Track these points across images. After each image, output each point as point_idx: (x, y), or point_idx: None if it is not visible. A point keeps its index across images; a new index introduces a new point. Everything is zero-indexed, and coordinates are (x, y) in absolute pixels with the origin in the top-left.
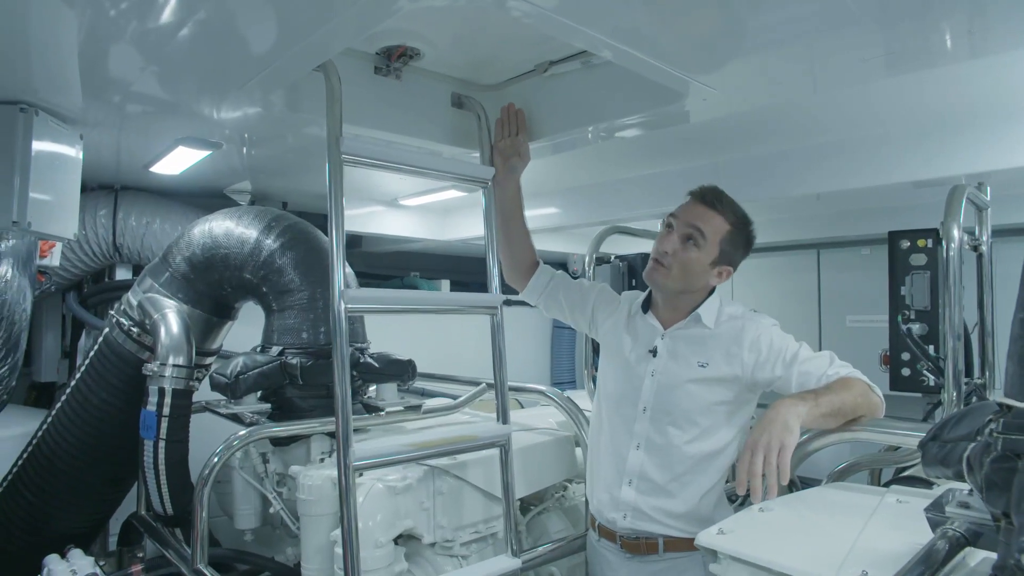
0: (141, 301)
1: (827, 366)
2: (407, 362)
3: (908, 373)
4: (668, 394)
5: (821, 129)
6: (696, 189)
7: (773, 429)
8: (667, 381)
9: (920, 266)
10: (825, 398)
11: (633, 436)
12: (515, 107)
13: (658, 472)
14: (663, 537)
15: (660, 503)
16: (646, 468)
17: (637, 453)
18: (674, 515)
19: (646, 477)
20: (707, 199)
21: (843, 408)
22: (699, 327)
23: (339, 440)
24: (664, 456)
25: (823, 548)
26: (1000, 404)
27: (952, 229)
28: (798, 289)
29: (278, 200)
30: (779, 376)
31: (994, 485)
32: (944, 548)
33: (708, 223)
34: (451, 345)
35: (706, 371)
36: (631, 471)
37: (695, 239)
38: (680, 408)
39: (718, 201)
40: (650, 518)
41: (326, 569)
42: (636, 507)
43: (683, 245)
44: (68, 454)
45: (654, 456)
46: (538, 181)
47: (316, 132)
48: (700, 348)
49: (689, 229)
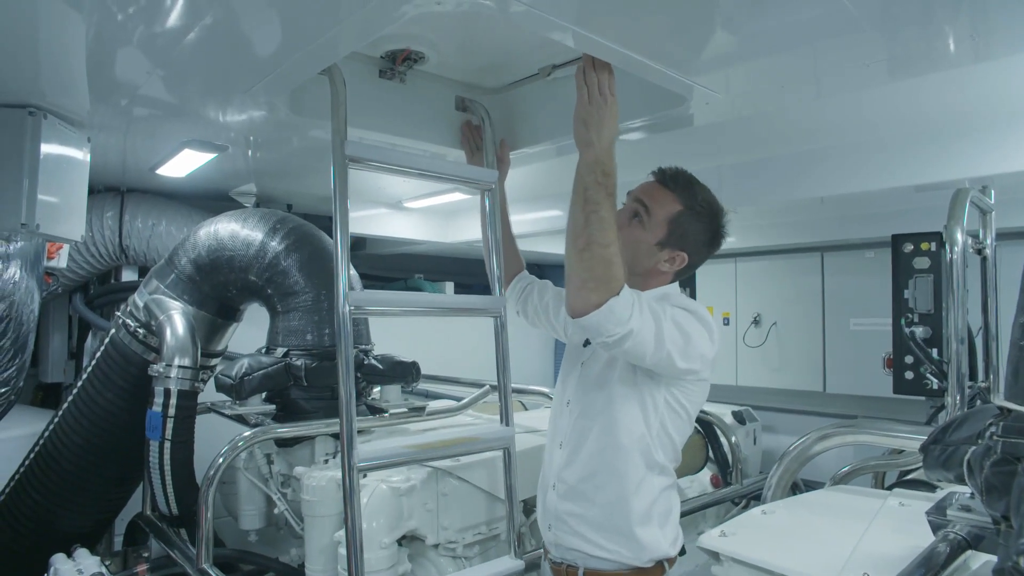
0: (147, 302)
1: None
2: (411, 364)
3: (911, 376)
4: (588, 385)
5: (824, 133)
6: (659, 168)
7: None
8: (589, 372)
9: (923, 269)
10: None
11: (557, 434)
12: (471, 124)
13: (571, 471)
14: (584, 567)
15: (577, 508)
16: (563, 470)
17: (560, 452)
18: (592, 524)
19: (563, 479)
20: (662, 177)
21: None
22: None
23: (343, 441)
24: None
25: (825, 551)
26: (1000, 408)
27: (955, 232)
28: (802, 292)
29: (283, 202)
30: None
31: (994, 488)
32: (945, 551)
33: (656, 200)
34: (455, 347)
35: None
36: (553, 473)
37: (640, 215)
38: (596, 404)
39: (673, 181)
40: (570, 529)
41: (330, 569)
42: (557, 514)
43: (628, 221)
44: (74, 454)
45: (574, 454)
46: (540, 184)
47: (321, 135)
48: None
49: (636, 205)
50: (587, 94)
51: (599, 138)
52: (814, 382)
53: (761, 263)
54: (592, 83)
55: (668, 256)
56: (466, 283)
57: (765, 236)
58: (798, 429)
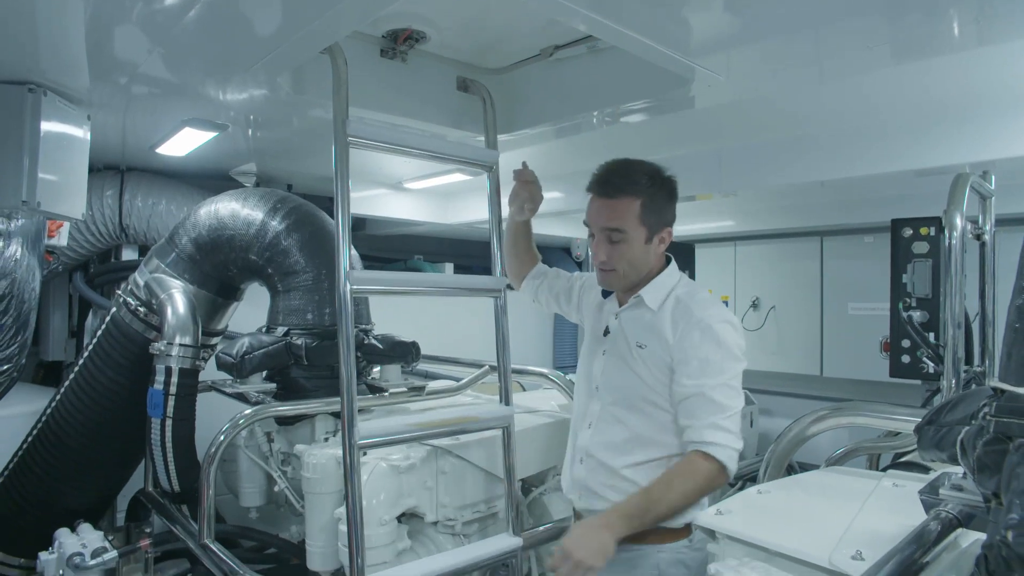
0: (148, 281)
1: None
2: (411, 344)
3: (908, 360)
4: (614, 374)
5: (825, 117)
6: (592, 181)
7: (591, 548)
8: (613, 361)
9: (922, 254)
10: (655, 506)
11: (586, 416)
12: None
13: (605, 453)
14: None
15: (611, 482)
16: (593, 447)
17: (587, 432)
18: (626, 496)
19: (591, 455)
20: (607, 190)
21: (671, 511)
22: (643, 308)
23: (344, 419)
24: (613, 436)
25: (819, 529)
26: (994, 389)
27: (955, 217)
28: (801, 276)
29: (283, 182)
30: (683, 384)
31: (985, 467)
32: (936, 529)
33: (617, 216)
34: (454, 328)
35: (643, 352)
36: (581, 449)
37: (616, 236)
38: (621, 389)
39: (614, 188)
40: (600, 497)
41: (330, 545)
42: (586, 485)
43: (612, 246)
44: (76, 431)
45: (601, 434)
46: (542, 165)
47: (321, 115)
48: (641, 329)
49: (606, 232)
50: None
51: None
52: (811, 366)
53: (760, 247)
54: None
55: (658, 240)
56: (465, 265)
57: (765, 220)
58: (795, 412)
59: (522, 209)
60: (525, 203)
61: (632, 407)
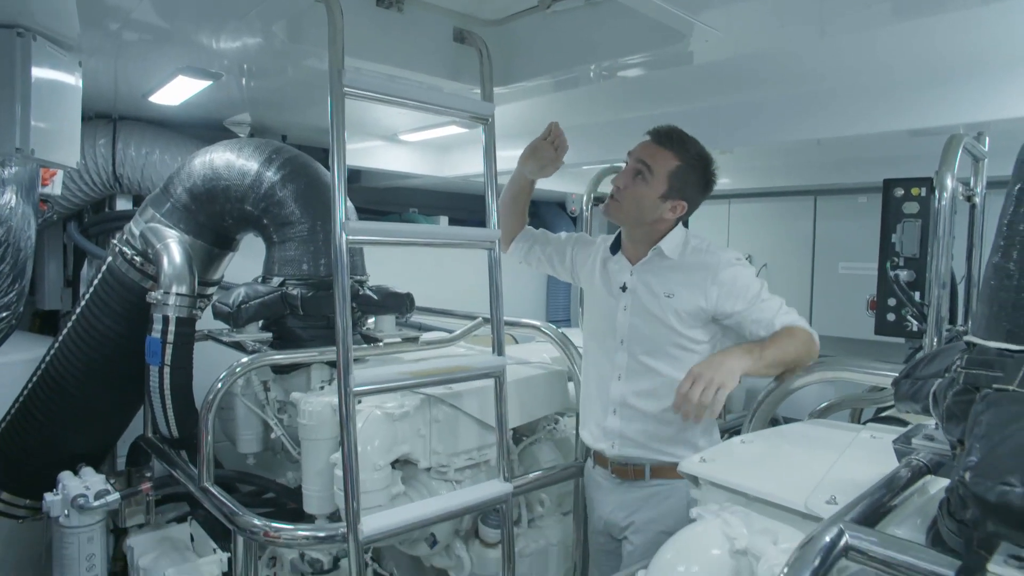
0: (143, 231)
1: (777, 310)
2: (405, 295)
3: (893, 319)
4: (640, 325)
5: (823, 75)
6: (654, 128)
7: (719, 369)
8: (638, 313)
9: (912, 214)
10: (770, 351)
11: (615, 368)
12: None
13: (642, 400)
14: (650, 463)
15: (649, 428)
16: (627, 397)
17: (618, 384)
18: (662, 439)
19: (628, 405)
20: (657, 137)
21: (784, 359)
22: (663, 260)
23: (340, 367)
24: (647, 384)
25: (797, 476)
26: (967, 343)
27: (946, 178)
28: (793, 235)
29: (278, 133)
30: (739, 311)
31: (953, 416)
32: (906, 475)
33: (655, 159)
34: (446, 281)
35: (672, 302)
36: (614, 401)
37: (643, 174)
38: (651, 339)
39: (668, 139)
40: (637, 443)
41: (326, 490)
42: (622, 434)
43: (633, 180)
44: (75, 379)
45: (634, 384)
46: (537, 119)
47: (316, 64)
48: (665, 280)
49: (638, 165)
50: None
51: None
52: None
53: (754, 205)
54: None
55: (671, 206)
56: (460, 218)
57: (759, 178)
58: None
59: (543, 168)
60: (549, 163)
61: (663, 354)
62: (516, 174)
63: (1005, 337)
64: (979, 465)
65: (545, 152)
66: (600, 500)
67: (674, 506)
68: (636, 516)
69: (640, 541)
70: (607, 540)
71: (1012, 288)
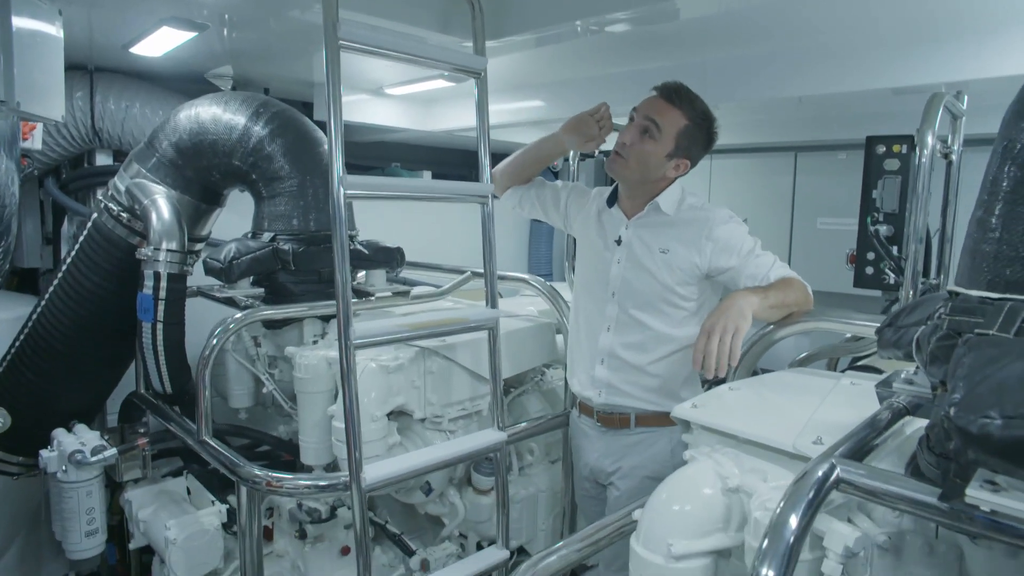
0: (129, 187)
1: (771, 265)
2: (395, 249)
3: (872, 272)
4: (633, 279)
5: (808, 32)
6: (662, 85)
7: (729, 314)
8: (631, 267)
9: (893, 171)
10: (772, 292)
11: (604, 319)
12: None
13: (630, 352)
14: (635, 412)
15: (635, 378)
16: (616, 348)
17: (608, 335)
18: (647, 389)
19: (616, 355)
20: (666, 94)
21: (786, 302)
22: (659, 215)
23: (340, 320)
24: (636, 337)
25: (784, 420)
26: (950, 292)
27: (927, 136)
28: (773, 190)
29: (260, 85)
30: (733, 266)
31: (936, 359)
32: (887, 416)
33: (664, 116)
34: (430, 235)
35: (667, 257)
36: (603, 351)
37: (651, 131)
38: (642, 293)
39: (677, 96)
40: (624, 393)
41: (323, 441)
42: (609, 384)
43: (640, 137)
44: (64, 336)
45: (623, 336)
46: (524, 73)
47: (299, 15)
48: (660, 235)
49: (646, 122)
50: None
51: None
52: None
53: (736, 160)
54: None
55: (675, 164)
56: (443, 172)
57: (741, 135)
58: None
59: (585, 143)
60: (591, 140)
61: (652, 308)
62: (555, 140)
63: (986, 286)
64: (962, 401)
65: (589, 128)
66: (586, 448)
67: (658, 453)
68: (622, 462)
69: (626, 486)
70: (592, 486)
71: (993, 241)
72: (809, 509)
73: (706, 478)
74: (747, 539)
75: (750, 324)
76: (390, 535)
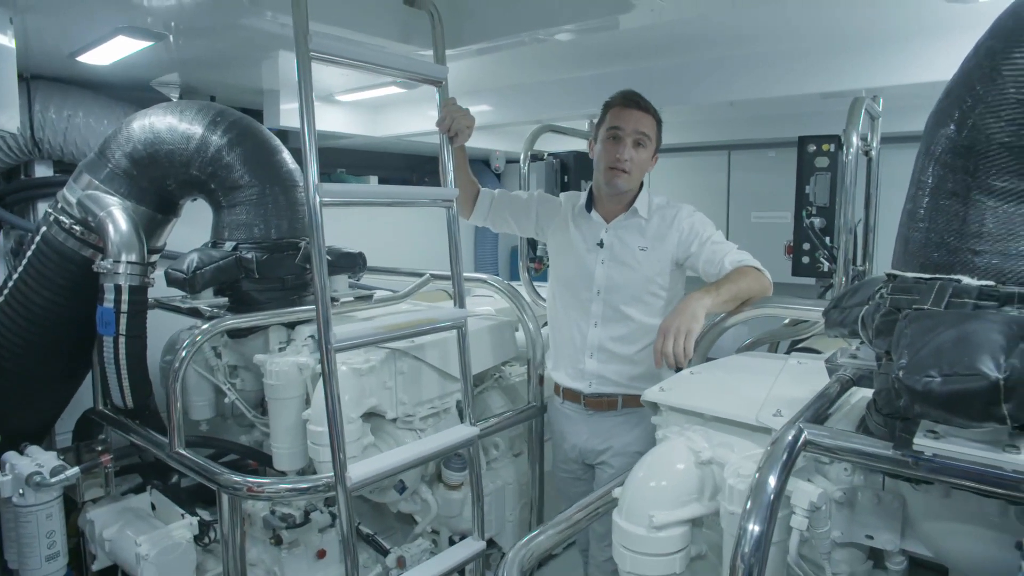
0: (81, 199)
1: (727, 252)
2: (358, 254)
3: (807, 261)
4: (617, 276)
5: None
6: (620, 96)
7: (683, 317)
8: (615, 266)
9: (823, 168)
10: (725, 287)
11: (590, 316)
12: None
13: (617, 345)
14: (622, 395)
15: (622, 368)
16: (604, 342)
17: (595, 330)
18: (634, 376)
19: (605, 348)
20: (636, 103)
21: (739, 294)
22: (636, 218)
23: (320, 323)
24: (622, 330)
25: (744, 398)
26: (888, 274)
27: (852, 136)
28: (709, 187)
29: (206, 94)
30: (693, 252)
31: (881, 332)
32: (837, 388)
33: (647, 125)
34: (387, 239)
35: (646, 253)
36: (591, 345)
37: (643, 142)
38: (625, 288)
39: (644, 102)
40: (613, 382)
41: (297, 446)
42: (600, 375)
43: (636, 150)
44: (14, 354)
45: (610, 330)
46: (472, 79)
47: (249, 23)
48: (639, 235)
49: (638, 135)
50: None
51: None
52: None
53: (673, 160)
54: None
55: (653, 160)
56: (388, 177)
57: (677, 134)
58: None
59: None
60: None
61: (636, 301)
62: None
63: (919, 268)
64: (908, 365)
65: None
66: (572, 431)
67: (647, 430)
68: (613, 441)
69: (620, 463)
70: (579, 467)
71: (922, 230)
72: (783, 470)
73: (679, 454)
74: (723, 504)
75: (702, 324)
76: (363, 535)
